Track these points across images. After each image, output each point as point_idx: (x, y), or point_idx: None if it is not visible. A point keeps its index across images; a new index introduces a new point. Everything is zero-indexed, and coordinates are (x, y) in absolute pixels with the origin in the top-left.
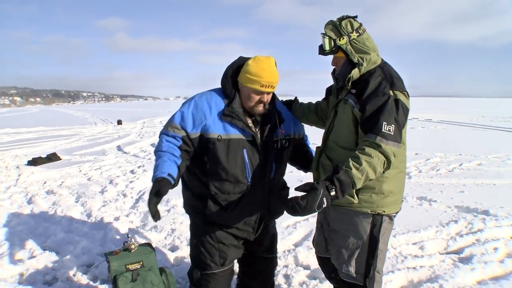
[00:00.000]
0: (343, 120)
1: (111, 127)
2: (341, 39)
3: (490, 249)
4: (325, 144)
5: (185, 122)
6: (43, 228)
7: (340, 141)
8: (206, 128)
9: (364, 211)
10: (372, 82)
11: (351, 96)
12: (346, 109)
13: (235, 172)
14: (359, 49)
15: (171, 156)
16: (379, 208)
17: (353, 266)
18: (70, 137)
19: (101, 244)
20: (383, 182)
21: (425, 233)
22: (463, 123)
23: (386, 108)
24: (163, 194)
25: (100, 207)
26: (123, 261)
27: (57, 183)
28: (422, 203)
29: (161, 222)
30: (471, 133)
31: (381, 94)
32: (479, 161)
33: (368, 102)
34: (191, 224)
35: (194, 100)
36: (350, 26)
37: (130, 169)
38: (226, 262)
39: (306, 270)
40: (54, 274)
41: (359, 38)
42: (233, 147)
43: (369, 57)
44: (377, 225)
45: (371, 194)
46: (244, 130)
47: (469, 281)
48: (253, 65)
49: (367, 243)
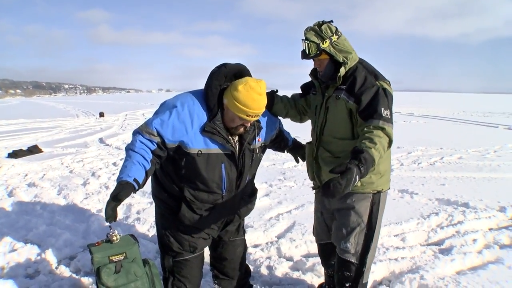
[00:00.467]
0: (338, 114)
1: (93, 119)
2: (324, 43)
3: (469, 241)
4: (320, 138)
5: (164, 130)
6: (24, 221)
7: (337, 133)
8: (186, 142)
9: (366, 191)
10: (358, 77)
11: (342, 91)
12: (339, 104)
13: (211, 185)
14: (341, 50)
15: (142, 159)
16: (379, 187)
17: (351, 242)
18: (52, 130)
19: (83, 237)
20: (380, 163)
21: (406, 225)
22: (444, 117)
23: (379, 96)
24: (123, 198)
25: (83, 199)
26: (106, 253)
27: (38, 175)
28: (403, 196)
29: (144, 214)
30: (452, 128)
31: (370, 85)
32: (459, 154)
33: (362, 94)
34: (159, 215)
35: (176, 110)
36: (330, 30)
37: (113, 161)
38: (196, 250)
39: (289, 262)
40: (36, 267)
41: (339, 40)
42: (212, 161)
43: (351, 56)
44: (376, 203)
45: (370, 176)
46: (224, 145)
47: (448, 271)
48: (243, 93)
49: (367, 221)
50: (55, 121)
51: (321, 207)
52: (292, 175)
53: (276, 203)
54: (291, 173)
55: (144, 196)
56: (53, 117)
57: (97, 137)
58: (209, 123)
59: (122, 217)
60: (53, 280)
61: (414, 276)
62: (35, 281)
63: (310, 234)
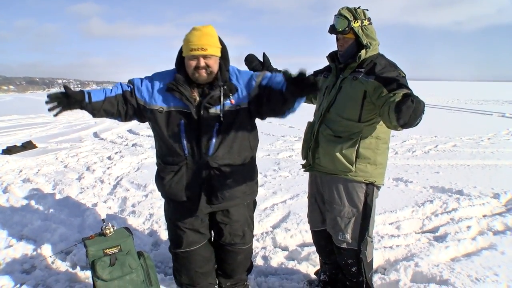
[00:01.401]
0: (351, 95)
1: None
2: (356, 22)
3: (464, 227)
4: (324, 116)
5: (137, 84)
6: (20, 216)
7: (345, 113)
8: (151, 99)
9: (359, 180)
10: (379, 63)
11: (360, 73)
12: (355, 85)
13: (172, 145)
14: (368, 34)
15: (108, 89)
16: (372, 178)
17: (349, 233)
18: (46, 125)
19: (79, 231)
20: (378, 154)
21: (401, 213)
22: (438, 105)
23: (401, 78)
24: (69, 91)
25: (78, 194)
26: (101, 246)
27: (33, 171)
28: (398, 184)
29: (139, 207)
30: (446, 116)
31: (391, 69)
32: (453, 142)
33: (384, 73)
34: None
35: (149, 76)
36: (363, 14)
37: (107, 155)
38: (184, 244)
39: (284, 251)
40: (32, 262)
41: (369, 26)
42: (172, 119)
43: (375, 43)
44: (370, 194)
45: (366, 164)
46: (183, 102)
47: (443, 258)
48: (187, 33)
49: (362, 211)
50: (49, 116)
51: (316, 191)
52: (286, 165)
53: (271, 193)
54: (286, 163)
55: (139, 189)
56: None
57: (92, 131)
58: (172, 81)
59: (117, 210)
60: (49, 275)
61: (409, 264)
62: (31, 276)
63: (305, 224)
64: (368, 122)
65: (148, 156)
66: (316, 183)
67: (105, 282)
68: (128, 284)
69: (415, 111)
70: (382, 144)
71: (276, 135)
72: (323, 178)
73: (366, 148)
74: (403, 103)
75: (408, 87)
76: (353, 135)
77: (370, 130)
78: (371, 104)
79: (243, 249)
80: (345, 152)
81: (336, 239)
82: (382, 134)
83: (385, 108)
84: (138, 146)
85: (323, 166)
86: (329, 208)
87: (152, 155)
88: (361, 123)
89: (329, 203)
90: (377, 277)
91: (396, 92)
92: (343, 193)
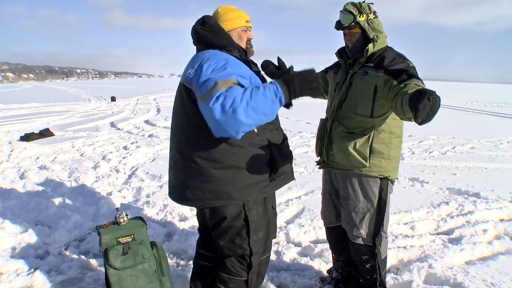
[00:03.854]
0: (362, 90)
1: (104, 103)
2: (361, 16)
3: (479, 231)
4: (336, 112)
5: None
6: (35, 203)
7: (358, 109)
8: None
9: (373, 175)
10: (387, 56)
11: (369, 68)
12: (365, 80)
13: None
14: (374, 28)
15: None
16: (386, 173)
17: (363, 228)
18: (64, 113)
19: (93, 219)
20: (391, 148)
21: (416, 214)
22: (457, 107)
23: (411, 69)
24: None
25: (93, 182)
26: (114, 234)
27: (49, 158)
28: (414, 184)
29: (153, 197)
30: (465, 117)
31: (400, 61)
32: (471, 144)
33: (393, 66)
34: (249, 212)
35: (227, 60)
36: (369, 8)
37: (123, 145)
38: None
39: (297, 247)
40: (46, 248)
41: (375, 20)
42: None
43: (382, 36)
44: (384, 188)
45: (380, 159)
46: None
47: (457, 261)
48: (226, 10)
49: (376, 206)
50: (67, 105)
51: (330, 187)
52: (302, 161)
53: (286, 188)
54: (302, 159)
55: (154, 179)
56: (65, 101)
57: (108, 121)
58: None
59: (132, 200)
60: (63, 261)
61: (422, 265)
62: (45, 261)
63: (319, 220)
64: (380, 117)
65: (164, 147)
66: (331, 179)
67: (117, 271)
68: (140, 274)
69: (433, 108)
70: (395, 138)
71: (293, 131)
72: (338, 174)
73: (380, 143)
74: (419, 101)
75: (418, 76)
76: (366, 131)
77: (383, 124)
78: (382, 98)
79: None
80: (359, 148)
81: (351, 234)
82: (394, 128)
83: (398, 99)
84: (154, 137)
85: (338, 162)
86: (344, 203)
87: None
88: (373, 118)
89: (344, 199)
90: (390, 277)
91: (407, 83)
92: (358, 188)
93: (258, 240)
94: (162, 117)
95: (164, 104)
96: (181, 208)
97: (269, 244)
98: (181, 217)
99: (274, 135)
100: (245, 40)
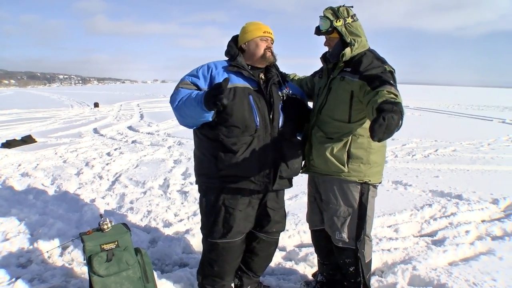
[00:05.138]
0: (340, 95)
1: (87, 109)
2: (338, 21)
3: (462, 232)
4: (317, 118)
5: (196, 78)
6: (17, 210)
7: (335, 114)
8: (212, 80)
9: (353, 180)
10: (365, 60)
11: (347, 73)
12: (342, 85)
13: (242, 115)
14: (352, 32)
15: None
16: (366, 177)
17: (345, 232)
18: (46, 120)
19: (76, 226)
20: (371, 153)
21: (400, 216)
22: (439, 110)
23: (386, 74)
24: None
25: (76, 189)
26: (98, 241)
27: (32, 165)
28: (397, 187)
29: (137, 204)
30: (447, 120)
31: (376, 66)
32: (453, 147)
33: (368, 70)
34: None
35: (202, 66)
36: (346, 12)
37: (107, 151)
38: (231, 234)
39: (282, 252)
40: (29, 256)
41: (353, 23)
42: (239, 94)
43: (360, 40)
44: (365, 193)
45: (359, 164)
46: (249, 78)
47: (441, 262)
48: (249, 24)
49: (357, 211)
50: (49, 111)
51: (315, 191)
52: None
53: None
54: None
55: (137, 186)
56: (48, 107)
57: (92, 127)
58: (231, 62)
59: (115, 206)
60: (46, 270)
61: (406, 267)
62: (27, 270)
63: (303, 225)
64: (358, 122)
65: (147, 153)
66: (314, 182)
67: (101, 278)
68: (125, 281)
69: (389, 127)
70: (375, 143)
71: None
72: (319, 179)
73: (358, 148)
74: (375, 121)
75: (391, 82)
76: (343, 136)
77: (361, 129)
78: (359, 103)
79: (278, 238)
80: (337, 153)
81: (334, 238)
82: None
83: (369, 108)
84: (137, 143)
85: (318, 167)
86: (325, 207)
87: (152, 152)
88: (351, 123)
89: (326, 203)
90: (375, 280)
91: (379, 90)
92: (338, 193)
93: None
94: (146, 123)
95: (147, 110)
96: (165, 214)
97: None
98: (165, 223)
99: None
100: (263, 48)
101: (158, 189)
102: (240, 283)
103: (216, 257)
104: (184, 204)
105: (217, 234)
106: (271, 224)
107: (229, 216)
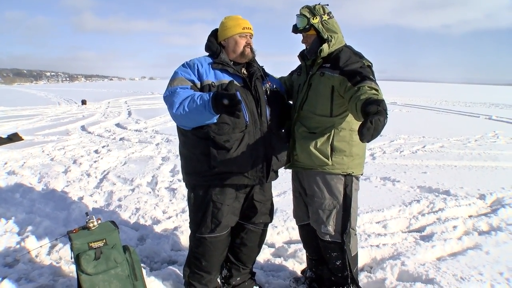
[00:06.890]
0: (320, 91)
1: (75, 107)
2: (314, 19)
3: (450, 227)
4: (298, 114)
5: (187, 74)
6: (3, 209)
7: (317, 109)
8: (201, 77)
9: (336, 172)
10: (343, 55)
11: (326, 69)
12: (322, 80)
13: None
14: (329, 28)
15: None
16: (349, 169)
17: (331, 225)
18: (33, 117)
19: (64, 225)
20: (353, 145)
21: (388, 212)
22: (427, 107)
23: (365, 69)
24: None
25: (63, 187)
26: (86, 239)
27: (18, 163)
28: (385, 183)
29: (125, 201)
30: (434, 117)
31: (355, 61)
32: (441, 143)
33: (348, 66)
34: (192, 192)
35: (185, 62)
36: (323, 10)
37: (94, 149)
38: (219, 228)
39: (271, 248)
40: (16, 255)
41: (329, 20)
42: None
43: (337, 36)
44: (349, 185)
45: (342, 157)
46: (235, 75)
47: (429, 257)
48: (228, 19)
49: (342, 203)
50: (36, 109)
51: (299, 186)
52: None
53: None
54: None
55: (126, 183)
56: (34, 105)
57: (79, 125)
58: (216, 59)
59: (103, 204)
60: (33, 269)
61: (395, 263)
62: (14, 269)
63: (292, 221)
64: (340, 115)
65: (135, 150)
66: (298, 178)
67: (89, 276)
68: (113, 279)
69: (376, 128)
70: (356, 135)
71: None
72: (304, 173)
73: (341, 141)
74: (363, 125)
75: (371, 77)
76: (326, 130)
77: (343, 123)
78: (340, 98)
79: (266, 229)
80: (320, 147)
81: (319, 232)
82: (355, 125)
83: (352, 105)
84: (125, 141)
85: (302, 162)
86: (310, 201)
87: (140, 149)
88: (333, 117)
89: (311, 197)
90: (363, 275)
91: (360, 86)
92: (323, 186)
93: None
94: (133, 120)
95: (135, 107)
96: (154, 211)
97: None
98: (153, 220)
99: (225, 132)
100: (242, 45)
101: (146, 187)
102: (229, 274)
103: (203, 251)
104: (172, 201)
105: (205, 229)
106: (258, 216)
107: (217, 211)
